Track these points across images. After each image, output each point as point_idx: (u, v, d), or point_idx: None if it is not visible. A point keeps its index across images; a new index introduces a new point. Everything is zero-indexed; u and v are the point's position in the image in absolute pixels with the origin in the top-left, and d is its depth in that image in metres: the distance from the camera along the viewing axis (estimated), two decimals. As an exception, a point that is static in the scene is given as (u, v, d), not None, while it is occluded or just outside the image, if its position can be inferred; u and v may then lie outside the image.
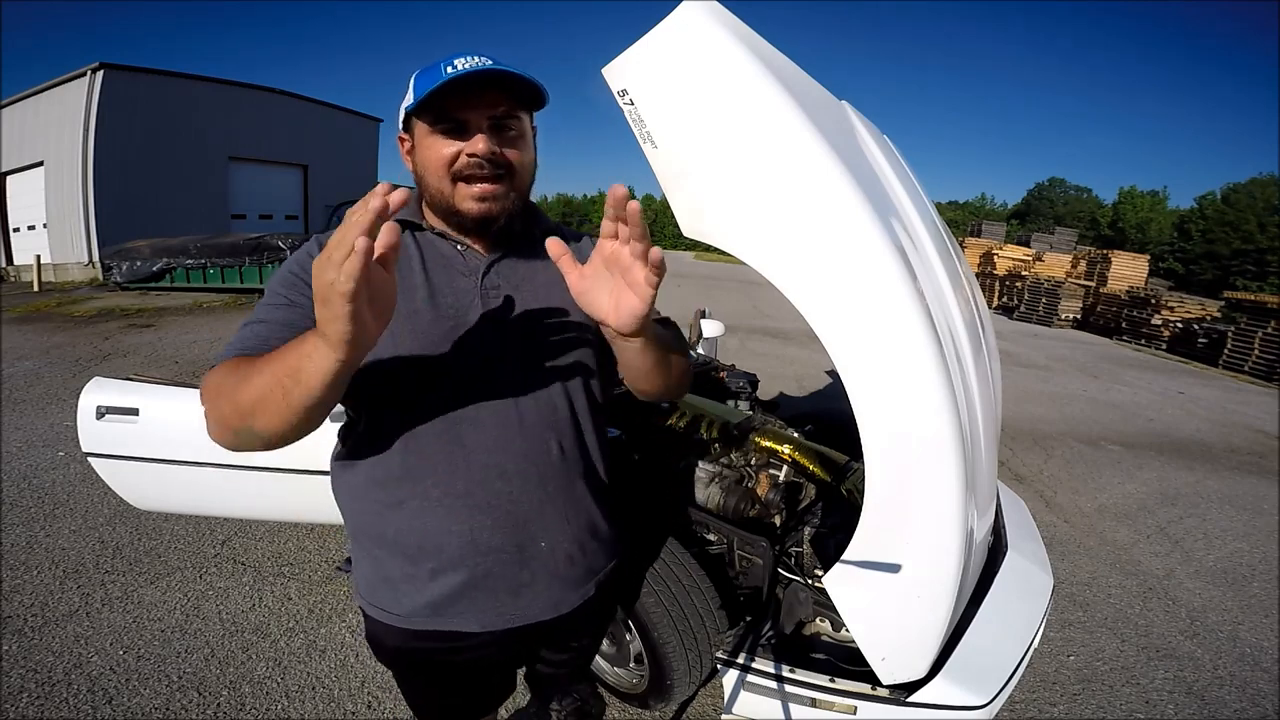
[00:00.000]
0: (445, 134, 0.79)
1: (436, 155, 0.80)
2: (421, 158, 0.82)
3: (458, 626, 0.90)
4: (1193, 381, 8.37)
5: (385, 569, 0.89)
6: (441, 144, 0.79)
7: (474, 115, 0.78)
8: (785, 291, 1.03)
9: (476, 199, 0.81)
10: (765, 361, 6.60)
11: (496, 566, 0.88)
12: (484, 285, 0.86)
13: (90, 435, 1.84)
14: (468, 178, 0.80)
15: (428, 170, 0.81)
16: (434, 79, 0.75)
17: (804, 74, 1.21)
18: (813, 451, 1.91)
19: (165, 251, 10.40)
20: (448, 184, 0.80)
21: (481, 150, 0.78)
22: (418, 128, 0.81)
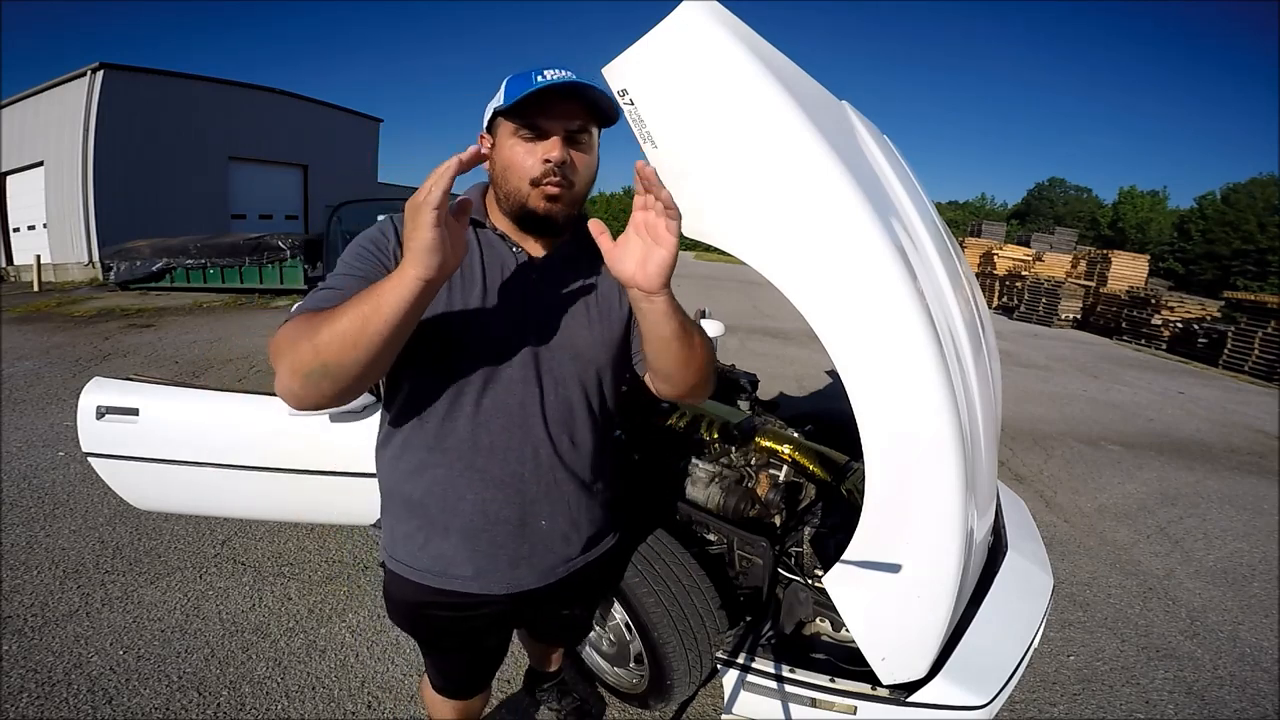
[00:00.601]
0: (527, 139, 0.86)
1: (519, 158, 0.87)
2: (503, 157, 0.88)
3: (458, 587, 0.99)
4: (1193, 381, 8.37)
5: (406, 526, 1.00)
6: (523, 147, 0.87)
7: (554, 125, 0.86)
8: (785, 291, 1.03)
9: (547, 199, 0.88)
10: (765, 361, 6.60)
11: (500, 536, 0.98)
12: (532, 289, 0.95)
13: (90, 435, 1.84)
14: (543, 182, 0.87)
15: (509, 169, 0.88)
16: (524, 86, 0.83)
17: (804, 74, 1.21)
18: (813, 451, 1.91)
19: (165, 251, 10.41)
20: (525, 184, 0.87)
21: (556, 157, 0.86)
22: (502, 128, 0.88)
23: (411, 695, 1.82)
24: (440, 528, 0.97)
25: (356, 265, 0.87)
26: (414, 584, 1.00)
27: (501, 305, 0.93)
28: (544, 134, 0.86)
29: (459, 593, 1.00)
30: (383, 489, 1.04)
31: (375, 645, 2.03)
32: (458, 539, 0.97)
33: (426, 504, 0.97)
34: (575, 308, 0.98)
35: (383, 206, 5.56)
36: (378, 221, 0.93)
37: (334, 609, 2.20)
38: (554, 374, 0.96)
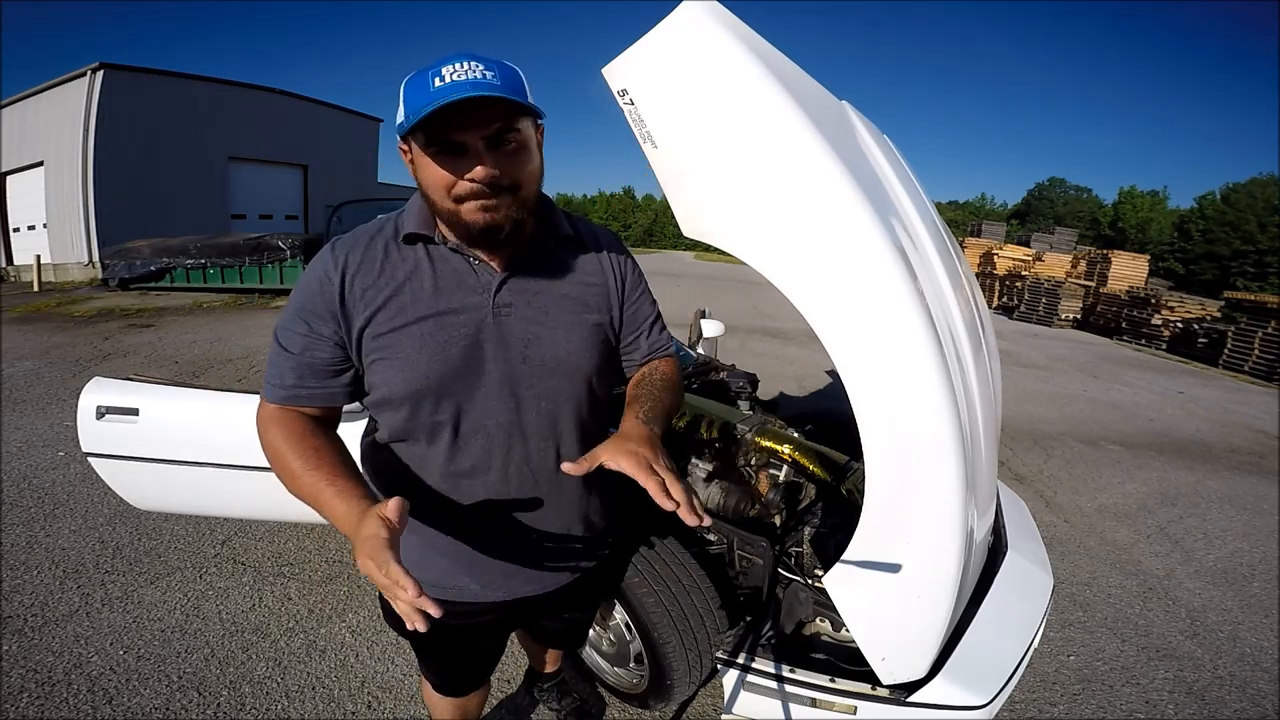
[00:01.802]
0: (442, 155, 0.77)
1: (436, 177, 0.78)
2: (422, 177, 0.81)
3: (454, 596, 0.98)
4: (1193, 381, 8.37)
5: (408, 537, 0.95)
6: (439, 166, 0.77)
7: (469, 136, 0.76)
8: (785, 291, 1.03)
9: (482, 210, 0.80)
10: (765, 361, 6.60)
11: (494, 552, 0.97)
12: (496, 303, 0.88)
13: (90, 435, 1.84)
14: (470, 198, 0.79)
15: (430, 190, 0.81)
16: (423, 96, 0.73)
17: (804, 74, 1.21)
18: (813, 451, 1.91)
19: (165, 251, 10.42)
20: (450, 203, 0.80)
21: (480, 177, 0.77)
22: (413, 145, 0.79)
23: (412, 695, 1.82)
24: (432, 545, 0.96)
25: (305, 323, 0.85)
26: None
27: (466, 325, 0.87)
28: (460, 148, 0.76)
29: (457, 601, 0.99)
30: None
31: (375, 645, 2.03)
32: (451, 556, 0.96)
33: (422, 513, 0.94)
34: (549, 316, 0.91)
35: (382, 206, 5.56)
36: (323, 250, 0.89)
37: (334, 609, 2.20)
38: (534, 389, 0.91)
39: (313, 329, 0.85)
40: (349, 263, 0.86)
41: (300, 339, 0.85)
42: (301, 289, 0.87)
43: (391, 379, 0.86)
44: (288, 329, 0.86)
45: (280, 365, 0.86)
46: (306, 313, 0.85)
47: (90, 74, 13.61)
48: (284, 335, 0.86)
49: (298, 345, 0.85)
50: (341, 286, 0.84)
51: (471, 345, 0.87)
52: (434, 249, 0.88)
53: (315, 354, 0.85)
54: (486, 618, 1.05)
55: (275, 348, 0.87)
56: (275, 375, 0.86)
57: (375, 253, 0.87)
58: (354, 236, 0.89)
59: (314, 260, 0.88)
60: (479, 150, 0.77)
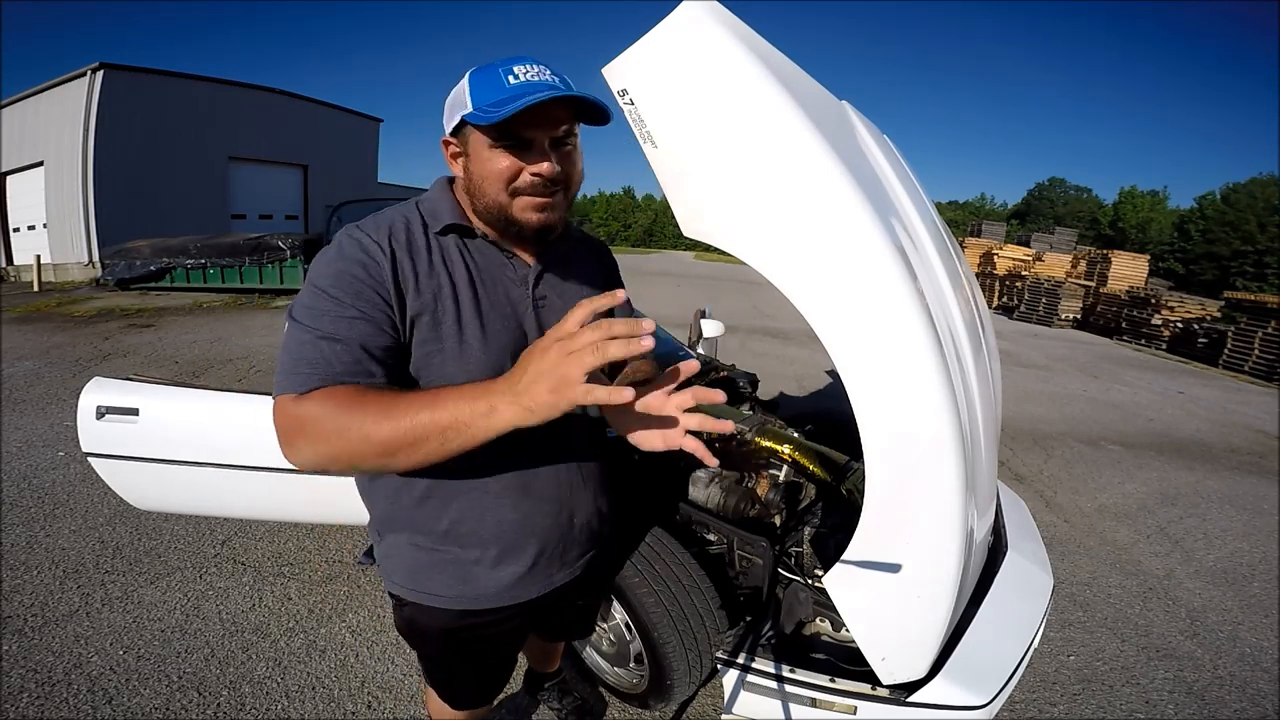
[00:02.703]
0: (508, 150, 0.79)
1: (497, 169, 0.80)
2: (479, 169, 0.81)
3: (491, 604, 0.96)
4: (1193, 381, 8.37)
5: (436, 558, 0.93)
6: (504, 159, 0.79)
7: (539, 134, 0.79)
8: (785, 291, 1.03)
9: (536, 209, 0.83)
10: (765, 361, 6.60)
11: (545, 543, 0.97)
12: (535, 295, 0.91)
13: (90, 435, 1.84)
14: (529, 192, 0.82)
15: (486, 181, 0.81)
16: (497, 90, 0.76)
17: (804, 74, 1.21)
18: (813, 451, 1.91)
19: (165, 251, 10.42)
20: (506, 197, 0.82)
21: (546, 172, 0.80)
22: (474, 137, 0.80)
23: (412, 695, 1.82)
24: (479, 553, 0.93)
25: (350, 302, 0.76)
26: (449, 611, 0.96)
27: (512, 319, 0.88)
28: (528, 144, 0.79)
29: (493, 609, 0.97)
30: (384, 523, 0.96)
31: (375, 645, 2.03)
32: (504, 559, 0.94)
33: (457, 532, 0.91)
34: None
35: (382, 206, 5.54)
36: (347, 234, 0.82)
37: (334, 609, 2.20)
38: None
39: (362, 312, 0.76)
40: (394, 246, 0.81)
41: (349, 323, 0.75)
42: (336, 271, 0.78)
43: (445, 368, 0.82)
44: (327, 314, 0.76)
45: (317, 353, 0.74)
46: (349, 292, 0.76)
47: (90, 74, 13.61)
48: (315, 319, 0.75)
49: (348, 331, 0.75)
50: (394, 269, 0.80)
51: (519, 338, 0.88)
52: (472, 242, 0.89)
53: (369, 340, 0.76)
54: (515, 623, 1.04)
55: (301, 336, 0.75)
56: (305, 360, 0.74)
57: (417, 241, 0.84)
58: (377, 223, 0.84)
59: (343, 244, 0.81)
60: (544, 147, 0.80)
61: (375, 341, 0.77)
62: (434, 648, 1.07)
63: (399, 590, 0.98)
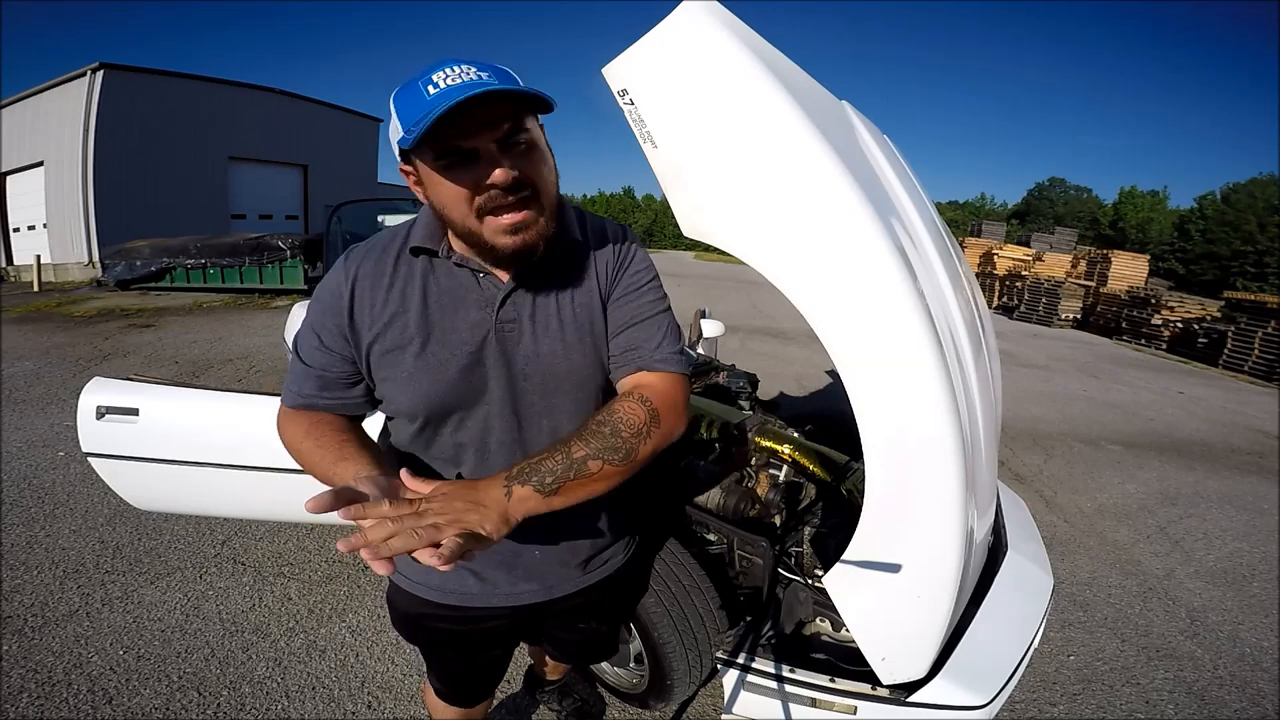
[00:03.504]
0: (452, 168, 0.72)
1: (451, 194, 0.73)
2: (436, 196, 0.75)
3: (456, 601, 0.98)
4: (1193, 381, 8.37)
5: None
6: (451, 181, 0.72)
7: (479, 141, 0.70)
8: (785, 291, 1.03)
9: (510, 232, 0.75)
10: (765, 361, 6.60)
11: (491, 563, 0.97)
12: (499, 318, 0.84)
13: (90, 435, 1.84)
14: (494, 210, 0.74)
15: (447, 208, 0.75)
16: (419, 106, 0.68)
17: (804, 74, 1.21)
18: (813, 451, 1.91)
19: (165, 251, 10.42)
20: (474, 220, 0.75)
21: (500, 180, 0.71)
22: (418, 162, 0.74)
23: (412, 695, 1.82)
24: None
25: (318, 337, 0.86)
26: (415, 596, 0.99)
27: (467, 344, 0.84)
28: (471, 155, 0.71)
29: (460, 605, 0.98)
30: None
31: (375, 645, 2.03)
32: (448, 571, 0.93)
33: None
34: (550, 331, 0.87)
35: (382, 206, 5.54)
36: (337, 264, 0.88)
37: (334, 609, 2.20)
38: (535, 406, 0.88)
39: (323, 343, 0.86)
40: (359, 276, 0.86)
41: (315, 352, 0.86)
42: (316, 301, 0.88)
43: (396, 397, 0.86)
44: (304, 341, 0.88)
45: (298, 375, 0.88)
46: (320, 326, 0.86)
47: (90, 74, 13.62)
48: (301, 347, 0.88)
49: (314, 359, 0.86)
50: (351, 302, 0.85)
51: (472, 365, 0.84)
52: (438, 263, 0.85)
53: (330, 368, 0.86)
54: (494, 624, 1.03)
55: (293, 357, 0.89)
56: (294, 383, 0.88)
57: (385, 266, 0.86)
58: (368, 247, 0.89)
59: (330, 270, 0.89)
60: (492, 154, 0.71)
61: (335, 371, 0.86)
62: (408, 631, 1.09)
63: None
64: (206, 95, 15.89)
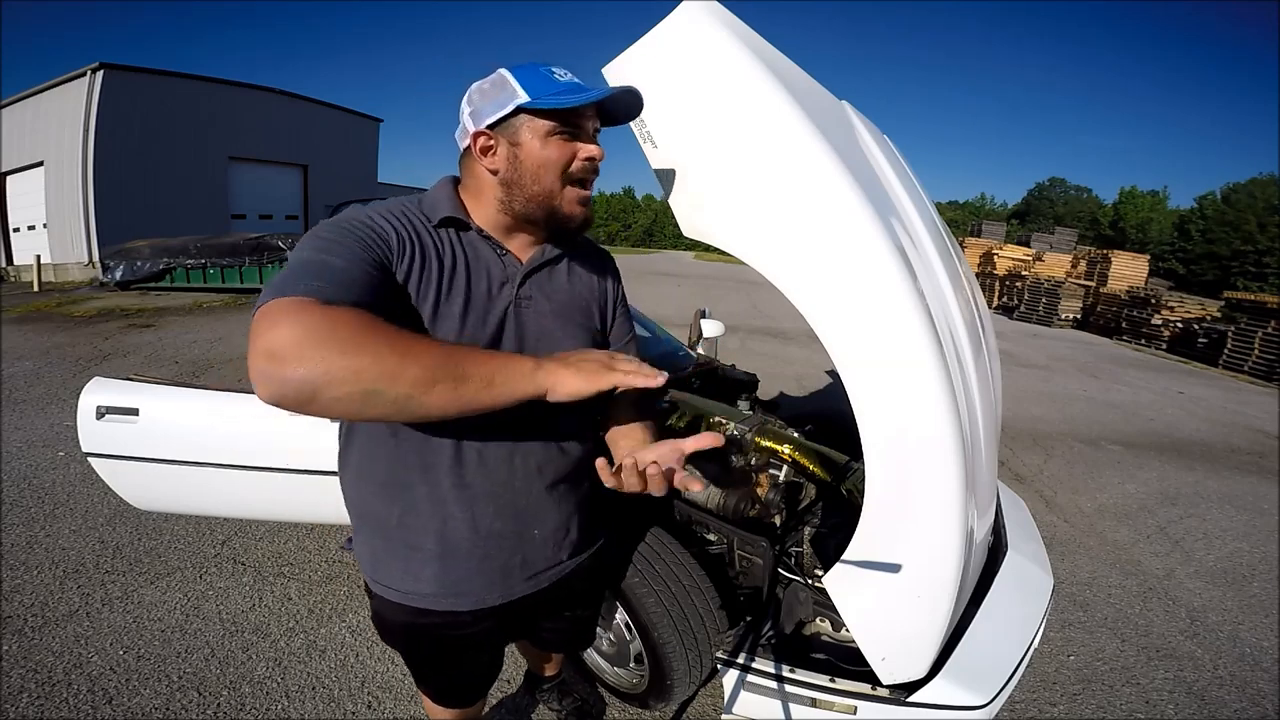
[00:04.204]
0: (563, 138, 0.83)
1: (555, 154, 0.84)
2: (533, 156, 0.83)
3: (449, 606, 0.96)
4: (1193, 381, 8.37)
5: (386, 549, 0.95)
6: (562, 144, 0.83)
7: (587, 124, 0.85)
8: (785, 291, 1.03)
9: (582, 203, 0.88)
10: (765, 361, 6.60)
11: (492, 549, 0.95)
12: (519, 295, 0.91)
13: (90, 435, 1.84)
14: (579, 181, 0.87)
15: (542, 168, 0.84)
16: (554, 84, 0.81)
17: (804, 74, 1.21)
18: (813, 451, 1.91)
19: (165, 251, 10.42)
20: (559, 184, 0.85)
21: (599, 155, 0.86)
22: (528, 127, 0.82)
23: (412, 695, 1.82)
24: (425, 548, 0.92)
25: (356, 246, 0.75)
26: (406, 607, 0.96)
27: (485, 315, 0.87)
28: (579, 132, 0.85)
29: (451, 612, 0.96)
30: (353, 510, 0.98)
31: (375, 645, 2.03)
32: (447, 558, 0.93)
33: (408, 524, 0.91)
34: (559, 316, 0.94)
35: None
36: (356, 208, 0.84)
37: (334, 609, 2.20)
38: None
39: (362, 255, 0.74)
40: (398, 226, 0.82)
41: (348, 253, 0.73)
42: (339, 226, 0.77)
43: None
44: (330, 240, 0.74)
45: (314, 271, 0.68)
46: (351, 238, 0.75)
47: (90, 74, 13.61)
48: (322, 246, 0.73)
49: (345, 257, 0.72)
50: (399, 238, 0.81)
51: (496, 332, 0.88)
52: (466, 235, 0.89)
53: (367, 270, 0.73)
54: (483, 626, 1.02)
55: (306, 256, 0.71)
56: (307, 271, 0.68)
57: (417, 227, 0.85)
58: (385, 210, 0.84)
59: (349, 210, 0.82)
60: (591, 136, 0.87)
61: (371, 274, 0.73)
62: (399, 642, 1.08)
63: (366, 579, 1.01)
64: (206, 95, 15.88)
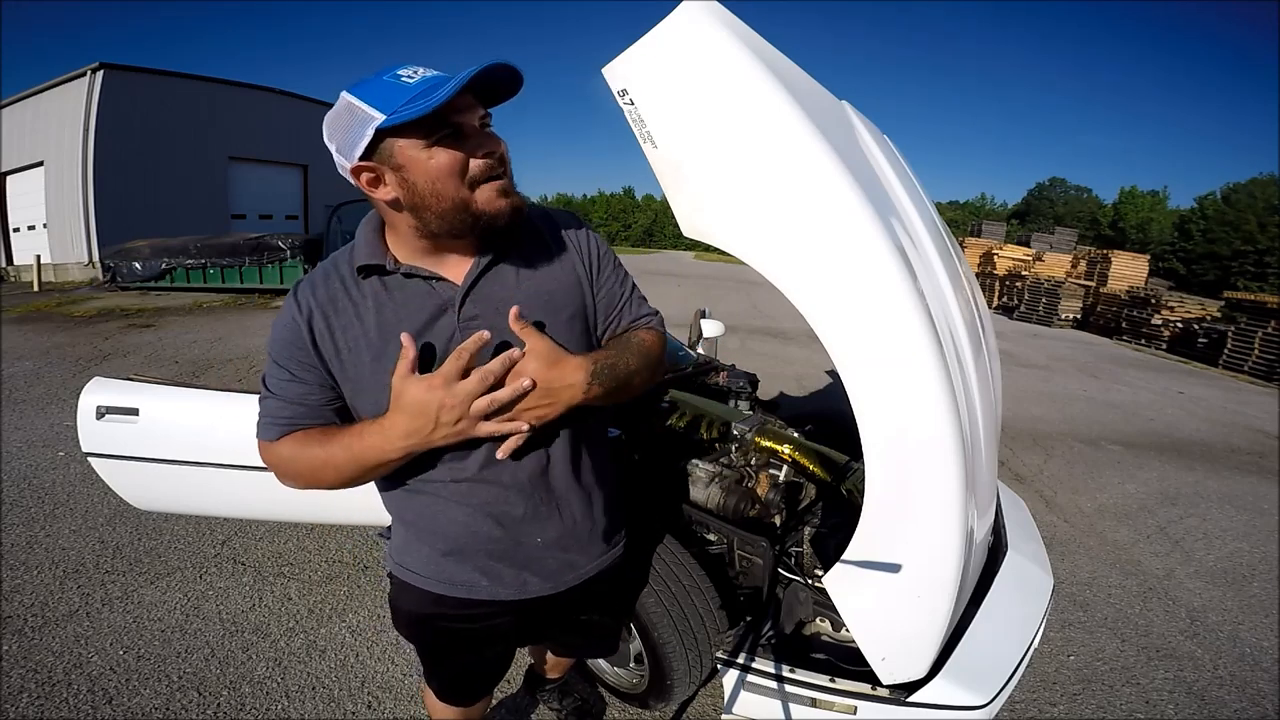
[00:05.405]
0: (444, 143, 0.76)
1: (446, 167, 0.76)
2: (424, 173, 0.76)
3: (464, 594, 0.98)
4: (1193, 381, 8.36)
5: (411, 539, 1.00)
6: (447, 153, 0.76)
7: (467, 118, 0.77)
8: (785, 291, 1.03)
9: (502, 194, 0.81)
10: (765, 361, 6.60)
11: (495, 552, 0.97)
12: (461, 319, 0.86)
13: (90, 435, 1.84)
14: (486, 179, 0.79)
15: (439, 182, 0.77)
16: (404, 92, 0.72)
17: (804, 74, 1.21)
18: (813, 451, 1.91)
19: (165, 251, 10.42)
20: (466, 191, 0.79)
21: (496, 149, 0.80)
22: (402, 146, 0.75)
23: (411, 695, 1.82)
24: (438, 545, 0.97)
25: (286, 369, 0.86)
26: (424, 592, 0.99)
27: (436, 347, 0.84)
28: (459, 131, 0.77)
29: (468, 599, 0.99)
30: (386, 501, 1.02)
31: (375, 645, 2.03)
32: (457, 555, 0.97)
33: (420, 525, 0.97)
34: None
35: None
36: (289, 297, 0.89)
37: (334, 609, 2.20)
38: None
39: (295, 375, 0.86)
40: (313, 305, 0.85)
41: (289, 385, 0.86)
42: (275, 339, 0.87)
43: (374, 413, 0.84)
44: (273, 377, 0.88)
45: (273, 408, 0.87)
46: (286, 360, 0.86)
47: (90, 74, 13.61)
48: (271, 383, 0.88)
49: (288, 391, 0.86)
50: (311, 334, 0.85)
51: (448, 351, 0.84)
52: (389, 279, 0.86)
53: (307, 397, 0.87)
54: (496, 621, 1.04)
55: (265, 393, 0.88)
56: (269, 415, 0.88)
57: (335, 293, 0.86)
58: (313, 278, 0.89)
59: (282, 311, 0.88)
60: (476, 130, 0.79)
61: (314, 397, 0.87)
62: (411, 631, 1.10)
63: (390, 566, 1.04)
64: (206, 95, 15.88)
